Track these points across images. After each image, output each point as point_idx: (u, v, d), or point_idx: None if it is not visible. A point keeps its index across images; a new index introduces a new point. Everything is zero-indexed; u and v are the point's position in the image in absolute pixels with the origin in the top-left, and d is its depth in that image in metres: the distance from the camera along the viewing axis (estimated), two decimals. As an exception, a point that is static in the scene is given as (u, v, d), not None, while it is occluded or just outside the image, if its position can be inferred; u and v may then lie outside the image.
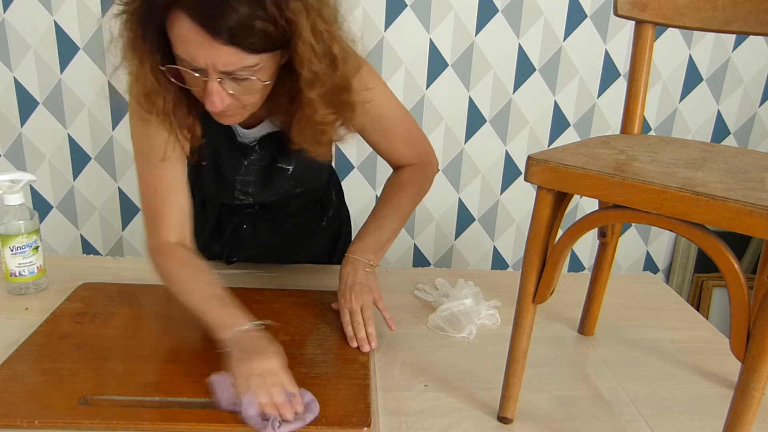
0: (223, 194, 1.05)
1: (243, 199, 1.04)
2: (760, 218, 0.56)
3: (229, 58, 0.73)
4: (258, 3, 0.70)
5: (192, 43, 0.72)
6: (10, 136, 1.87)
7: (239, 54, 0.72)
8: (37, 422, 0.73)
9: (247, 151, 0.97)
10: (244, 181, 1.01)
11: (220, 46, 0.71)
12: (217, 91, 0.76)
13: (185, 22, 0.71)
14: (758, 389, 0.61)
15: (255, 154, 0.97)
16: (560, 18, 1.84)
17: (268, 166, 0.99)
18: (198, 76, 0.76)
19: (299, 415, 0.74)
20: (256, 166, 0.99)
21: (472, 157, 1.98)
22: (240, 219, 1.13)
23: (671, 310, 1.16)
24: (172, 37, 0.74)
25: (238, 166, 0.99)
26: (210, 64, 0.73)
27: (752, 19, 0.86)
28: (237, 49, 0.72)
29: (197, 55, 0.73)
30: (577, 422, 0.81)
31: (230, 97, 0.78)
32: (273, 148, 0.97)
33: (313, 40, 0.74)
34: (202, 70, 0.75)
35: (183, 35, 0.72)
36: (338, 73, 0.79)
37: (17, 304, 1.03)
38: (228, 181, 1.00)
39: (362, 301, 0.94)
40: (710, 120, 2.02)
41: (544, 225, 0.72)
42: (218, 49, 0.72)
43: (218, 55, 0.72)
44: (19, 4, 1.73)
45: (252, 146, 0.97)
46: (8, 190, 1.01)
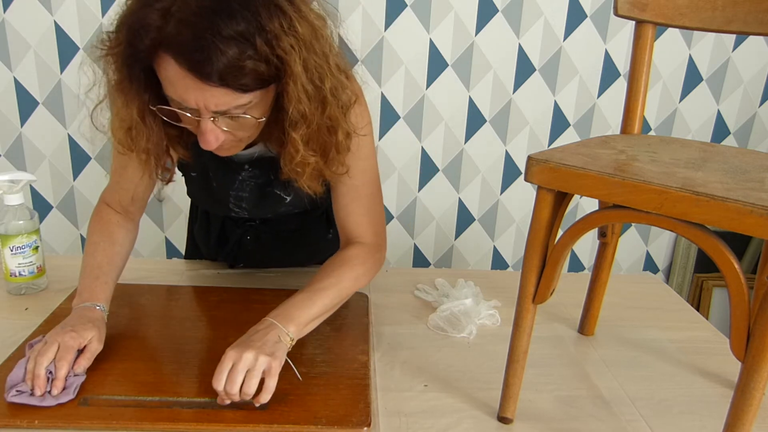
0: (217, 206, 1.04)
1: (238, 212, 1.02)
2: (760, 218, 0.56)
3: (221, 99, 0.70)
4: (248, 43, 0.67)
5: (182, 86, 0.70)
6: (10, 136, 1.87)
7: (231, 94, 0.70)
8: (37, 422, 0.73)
9: (235, 168, 0.95)
10: (237, 197, 0.99)
11: (211, 89, 0.69)
12: (211, 130, 0.74)
13: (173, 66, 0.68)
14: (758, 389, 0.61)
15: (246, 172, 0.95)
16: (560, 18, 1.84)
17: (263, 186, 0.96)
18: (190, 116, 0.74)
19: (42, 396, 0.75)
20: (250, 183, 0.96)
21: (472, 157, 1.98)
22: (243, 231, 1.12)
23: (671, 310, 1.16)
24: (162, 78, 0.72)
25: (231, 181, 0.96)
26: (202, 106, 0.71)
27: (752, 19, 0.86)
28: (228, 90, 0.69)
29: (188, 97, 0.71)
30: (577, 422, 0.81)
31: (225, 133, 0.76)
32: (268, 169, 0.94)
33: (305, 78, 0.72)
34: (194, 111, 0.73)
35: (171, 78, 0.70)
36: (327, 112, 0.77)
37: (17, 304, 1.03)
38: (221, 195, 0.99)
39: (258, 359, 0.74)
40: (710, 120, 2.02)
41: (544, 225, 0.72)
42: (209, 92, 0.69)
43: (210, 97, 0.70)
44: (19, 4, 1.73)
45: (242, 164, 0.94)
46: (8, 190, 1.01)
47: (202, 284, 1.12)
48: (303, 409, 0.77)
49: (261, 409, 0.76)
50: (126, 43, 0.71)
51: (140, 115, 0.77)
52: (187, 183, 1.03)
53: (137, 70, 0.73)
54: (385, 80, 1.87)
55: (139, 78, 0.74)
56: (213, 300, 1.06)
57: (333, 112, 0.77)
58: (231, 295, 1.08)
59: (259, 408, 0.77)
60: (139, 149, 0.81)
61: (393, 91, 1.89)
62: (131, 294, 1.05)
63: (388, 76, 1.87)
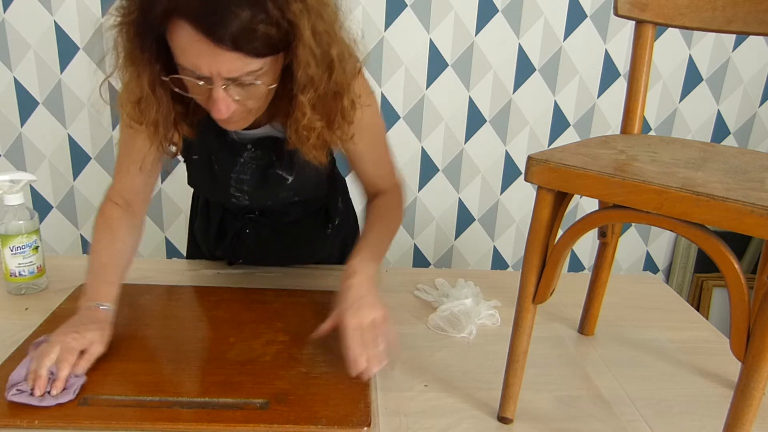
0: (218, 192, 1.03)
1: (239, 197, 1.01)
2: (760, 218, 0.56)
3: (233, 64, 0.71)
4: (259, 6, 0.69)
5: (195, 51, 0.71)
6: (10, 136, 1.88)
7: (243, 59, 0.71)
8: (37, 422, 0.73)
9: (238, 149, 0.95)
10: (238, 179, 0.98)
11: (224, 53, 0.70)
12: (223, 98, 0.75)
13: (186, 31, 0.69)
14: (758, 389, 0.61)
15: (248, 153, 0.96)
16: (560, 18, 1.84)
17: (265, 168, 0.97)
18: (202, 84, 0.74)
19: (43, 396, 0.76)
20: (252, 165, 0.97)
21: (472, 157, 1.98)
22: (242, 224, 1.12)
23: (671, 310, 1.16)
24: (174, 47, 0.73)
25: (233, 163, 0.97)
26: (214, 72, 0.72)
27: (752, 19, 0.86)
28: (241, 54, 0.70)
29: (201, 63, 0.72)
30: (577, 422, 0.81)
31: (236, 103, 0.77)
32: (270, 151, 0.95)
33: (313, 43, 0.73)
34: (207, 78, 0.74)
35: (185, 44, 0.71)
36: (333, 78, 0.78)
37: (17, 304, 1.03)
38: (222, 177, 0.98)
39: (373, 314, 0.84)
40: (710, 120, 2.02)
41: (544, 225, 0.72)
42: (222, 56, 0.70)
43: (222, 62, 0.71)
44: (19, 4, 1.73)
45: (244, 145, 0.95)
46: (8, 190, 1.01)
47: (202, 284, 1.12)
48: (303, 409, 0.77)
49: (261, 409, 0.77)
50: (139, 11, 0.72)
51: (151, 86, 0.77)
52: (188, 169, 1.03)
53: (149, 39, 0.73)
54: (385, 80, 1.87)
55: (150, 48, 0.74)
56: (213, 300, 1.06)
57: (339, 77, 0.78)
58: (231, 295, 1.08)
59: (260, 408, 0.77)
60: (148, 121, 0.81)
61: (393, 91, 1.89)
62: (131, 294, 1.05)
63: (388, 76, 1.87)
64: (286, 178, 0.97)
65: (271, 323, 0.98)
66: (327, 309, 1.03)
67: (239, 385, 0.81)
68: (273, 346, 0.91)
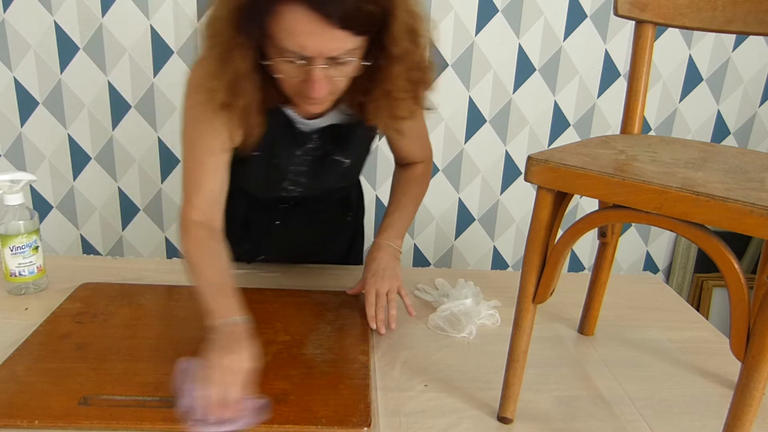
0: (272, 186, 1.04)
1: (292, 189, 1.04)
2: (760, 218, 0.56)
3: (339, 43, 0.75)
4: None
5: (303, 32, 0.73)
6: (10, 136, 1.87)
7: (349, 38, 0.75)
8: (37, 422, 0.73)
9: (304, 140, 0.97)
10: (297, 171, 1.01)
11: (333, 32, 0.73)
12: (321, 78, 0.78)
13: (297, 12, 0.72)
14: (758, 389, 0.61)
15: (312, 143, 0.98)
16: (560, 18, 1.84)
17: (322, 157, 1.00)
18: (303, 64, 0.77)
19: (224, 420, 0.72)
20: (309, 156, 0.99)
21: (472, 157, 1.98)
22: (272, 214, 1.13)
23: (671, 310, 1.16)
24: (278, 30, 0.74)
25: (291, 156, 0.99)
26: (319, 52, 0.75)
27: (752, 19, 0.86)
28: (348, 32, 0.74)
29: (308, 43, 0.74)
30: (577, 422, 0.81)
31: (331, 82, 0.80)
32: (329, 140, 0.98)
33: (406, 18, 0.78)
34: (309, 58, 0.76)
35: (293, 26, 0.73)
36: (419, 50, 0.83)
37: (17, 304, 1.03)
38: (281, 171, 1.00)
39: (389, 285, 0.99)
40: (710, 120, 2.02)
41: (544, 225, 0.72)
42: (331, 35, 0.73)
43: (330, 41, 0.74)
44: (19, 4, 1.73)
45: (310, 134, 0.97)
46: (8, 190, 1.01)
47: (202, 284, 1.12)
48: (303, 409, 0.77)
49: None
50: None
51: (248, 70, 0.80)
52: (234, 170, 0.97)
53: (254, 24, 0.76)
54: (385, 80, 1.87)
55: (251, 33, 0.77)
56: (213, 300, 1.05)
57: (422, 51, 0.84)
58: (231, 295, 1.08)
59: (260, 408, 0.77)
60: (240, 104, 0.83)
61: (393, 91, 1.88)
62: (131, 294, 1.05)
63: (388, 76, 1.86)
64: (344, 161, 1.01)
65: (271, 323, 0.98)
66: (327, 309, 1.04)
67: (239, 385, 0.81)
68: (273, 346, 0.91)
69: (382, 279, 1.00)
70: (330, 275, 1.18)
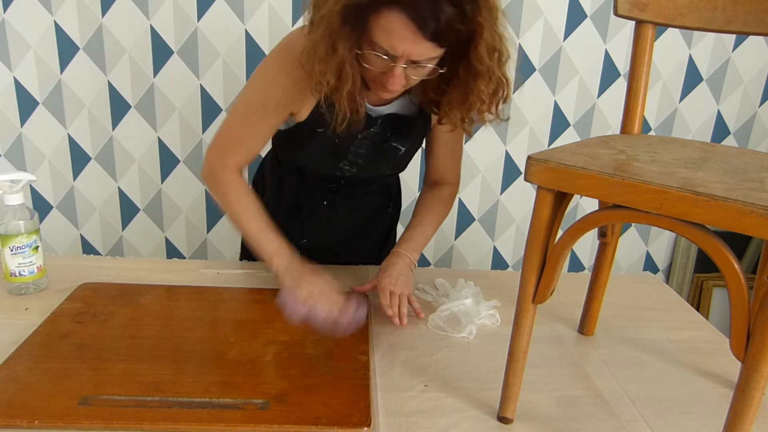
0: (329, 164, 1.11)
1: (347, 170, 1.11)
2: (760, 218, 0.56)
3: (425, 51, 0.83)
4: (461, 8, 0.80)
5: (397, 36, 0.81)
6: (10, 136, 1.87)
7: (434, 48, 0.83)
8: (37, 422, 0.73)
9: (368, 124, 1.03)
10: (356, 153, 1.08)
11: (423, 42, 0.81)
12: (400, 75, 0.86)
13: (398, 18, 0.80)
14: (758, 389, 0.61)
15: (375, 127, 1.05)
16: (560, 18, 1.84)
17: (380, 143, 1.07)
18: (387, 60, 0.85)
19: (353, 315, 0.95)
20: (368, 140, 1.06)
21: (472, 157, 1.98)
22: (320, 195, 1.19)
23: (671, 310, 1.16)
24: (377, 27, 0.83)
25: (353, 137, 1.05)
26: (406, 54, 0.84)
27: (752, 19, 0.86)
28: (434, 44, 0.82)
29: (399, 46, 0.82)
30: (577, 422, 0.81)
31: (408, 79, 0.89)
32: (390, 127, 1.06)
33: (490, 41, 0.85)
34: (395, 57, 0.84)
35: (391, 28, 0.81)
36: (500, 68, 0.90)
37: (17, 304, 1.03)
38: (343, 150, 1.07)
39: (402, 289, 1.05)
40: (710, 120, 2.02)
41: (544, 225, 0.72)
42: (420, 44, 0.82)
43: (418, 48, 0.83)
44: (19, 4, 1.73)
45: (375, 119, 1.04)
46: (8, 190, 1.01)
47: (202, 284, 1.12)
48: (303, 409, 0.77)
49: (261, 409, 0.77)
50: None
51: (350, 58, 0.87)
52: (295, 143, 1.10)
53: (360, 19, 0.84)
54: (385, 80, 1.87)
55: (355, 25, 0.84)
56: (213, 300, 1.06)
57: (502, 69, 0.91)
58: (231, 295, 1.08)
59: (260, 408, 0.77)
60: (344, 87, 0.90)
61: (393, 91, 1.88)
62: (131, 294, 1.05)
63: (388, 76, 1.86)
64: (400, 149, 1.10)
65: (271, 323, 0.98)
66: (327, 309, 1.03)
67: (239, 385, 0.81)
68: (273, 346, 0.91)
69: (396, 282, 1.04)
70: (331, 275, 1.18)
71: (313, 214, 1.21)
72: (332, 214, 1.21)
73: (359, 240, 1.29)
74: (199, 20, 1.76)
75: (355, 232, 1.27)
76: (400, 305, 1.02)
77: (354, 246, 1.29)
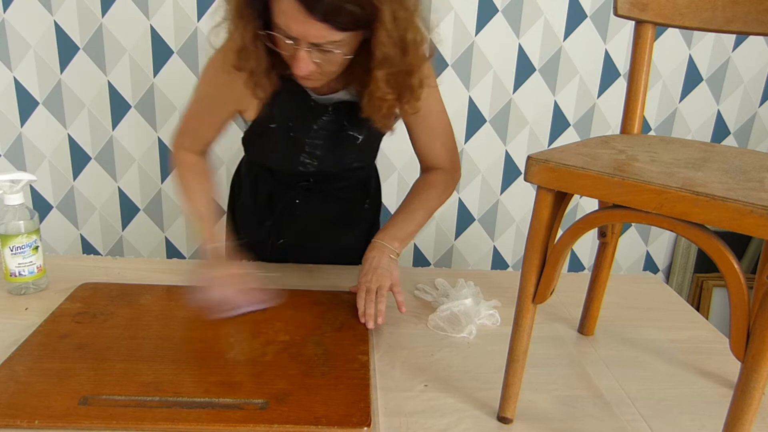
0: (289, 159, 1.10)
1: (308, 163, 1.10)
2: (760, 218, 0.56)
3: (319, 32, 0.83)
4: None
5: (290, 16, 0.82)
6: (10, 136, 1.88)
7: (329, 30, 0.82)
8: (37, 422, 0.73)
9: (319, 112, 1.04)
10: (313, 144, 1.07)
11: (314, 23, 0.81)
12: (305, 59, 0.87)
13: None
14: (758, 389, 0.61)
15: (327, 116, 1.04)
16: (560, 18, 1.84)
17: (338, 132, 1.06)
18: (290, 43, 0.86)
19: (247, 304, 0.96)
20: (325, 130, 1.06)
21: (472, 157, 1.98)
22: (294, 193, 1.19)
23: (671, 310, 1.16)
24: (274, 8, 0.84)
25: (308, 129, 1.05)
26: (302, 36, 0.84)
27: (752, 19, 0.86)
28: (327, 26, 0.82)
29: (293, 26, 0.83)
30: (577, 422, 0.81)
31: (314, 65, 0.88)
32: (345, 115, 1.05)
33: (391, 26, 0.84)
34: (294, 39, 0.85)
35: (284, 8, 0.82)
36: (407, 59, 0.89)
37: (17, 304, 1.03)
38: (297, 143, 1.07)
39: (380, 282, 1.01)
40: (710, 120, 2.02)
41: (544, 225, 0.72)
42: (312, 25, 0.82)
43: (310, 30, 0.82)
44: (19, 4, 1.73)
45: (325, 107, 1.04)
46: (8, 190, 1.01)
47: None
48: (303, 409, 0.77)
49: (261, 409, 0.77)
50: None
51: (252, 38, 0.89)
52: (256, 141, 1.11)
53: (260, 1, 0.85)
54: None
55: (255, 5, 0.86)
56: (213, 300, 1.06)
57: (412, 59, 0.90)
58: (231, 295, 1.08)
59: (260, 408, 0.77)
60: (246, 68, 0.92)
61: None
62: (131, 294, 1.05)
63: (388, 76, 1.86)
64: (357, 137, 1.08)
65: (271, 323, 0.98)
66: (327, 309, 1.04)
67: (239, 385, 0.81)
68: (273, 346, 0.91)
69: (373, 276, 1.02)
70: (330, 275, 1.18)
71: (287, 213, 1.21)
72: (307, 213, 1.21)
73: (339, 238, 1.27)
74: (199, 20, 1.76)
75: (333, 231, 1.26)
76: (377, 302, 1.00)
77: (335, 245, 1.27)
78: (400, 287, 1.03)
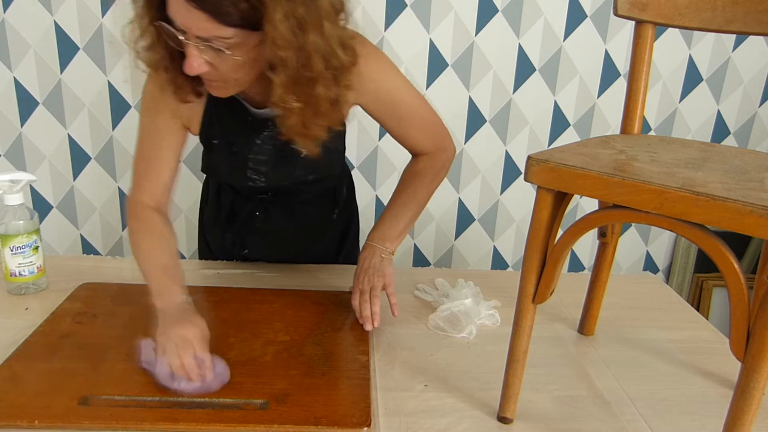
0: (236, 175, 1.05)
1: (256, 179, 1.04)
2: (760, 218, 0.56)
3: (201, 23, 0.76)
4: None
5: (173, 4, 0.77)
6: (10, 136, 1.88)
7: (211, 22, 0.76)
8: (37, 422, 0.73)
9: (259, 127, 0.99)
10: (256, 160, 1.02)
11: (192, 10, 0.75)
12: (194, 56, 0.80)
13: None
14: (758, 389, 0.61)
15: (268, 131, 0.99)
16: (560, 18, 1.84)
17: (282, 147, 0.99)
18: (182, 38, 0.79)
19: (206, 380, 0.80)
20: (269, 145, 1.00)
21: (472, 157, 1.98)
22: (253, 206, 1.15)
23: (671, 310, 1.16)
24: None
25: (250, 144, 1.00)
26: (187, 27, 0.78)
27: (752, 19, 0.86)
28: (208, 15, 0.75)
29: (176, 15, 0.77)
30: (577, 422, 0.81)
31: (207, 65, 0.81)
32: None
33: (284, 26, 0.75)
34: (183, 32, 0.79)
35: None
36: (310, 65, 0.80)
37: (17, 304, 1.03)
38: (240, 159, 1.02)
39: (373, 283, 1.00)
40: (710, 120, 2.02)
41: (544, 225, 0.72)
42: (191, 13, 0.75)
43: (191, 19, 0.76)
44: (19, 4, 1.73)
45: (264, 121, 0.98)
46: (8, 190, 1.01)
47: (202, 284, 1.12)
48: (303, 409, 0.77)
49: (261, 409, 0.77)
50: None
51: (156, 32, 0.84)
52: (205, 155, 1.05)
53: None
54: (385, 80, 1.87)
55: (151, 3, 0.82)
56: (213, 300, 1.06)
57: (316, 66, 0.80)
58: (231, 295, 1.08)
59: (260, 408, 0.77)
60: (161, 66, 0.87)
61: (393, 91, 1.88)
62: (131, 294, 1.05)
63: (388, 76, 1.86)
64: (301, 150, 0.97)
65: (271, 323, 0.98)
66: (327, 309, 1.04)
67: (239, 385, 0.81)
68: (273, 346, 0.91)
69: (365, 277, 1.01)
70: (330, 275, 1.18)
71: (248, 225, 1.17)
72: (268, 225, 1.17)
73: (305, 250, 1.24)
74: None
75: (298, 242, 1.22)
76: (371, 303, 0.98)
77: (303, 256, 1.23)
78: (393, 287, 1.01)
